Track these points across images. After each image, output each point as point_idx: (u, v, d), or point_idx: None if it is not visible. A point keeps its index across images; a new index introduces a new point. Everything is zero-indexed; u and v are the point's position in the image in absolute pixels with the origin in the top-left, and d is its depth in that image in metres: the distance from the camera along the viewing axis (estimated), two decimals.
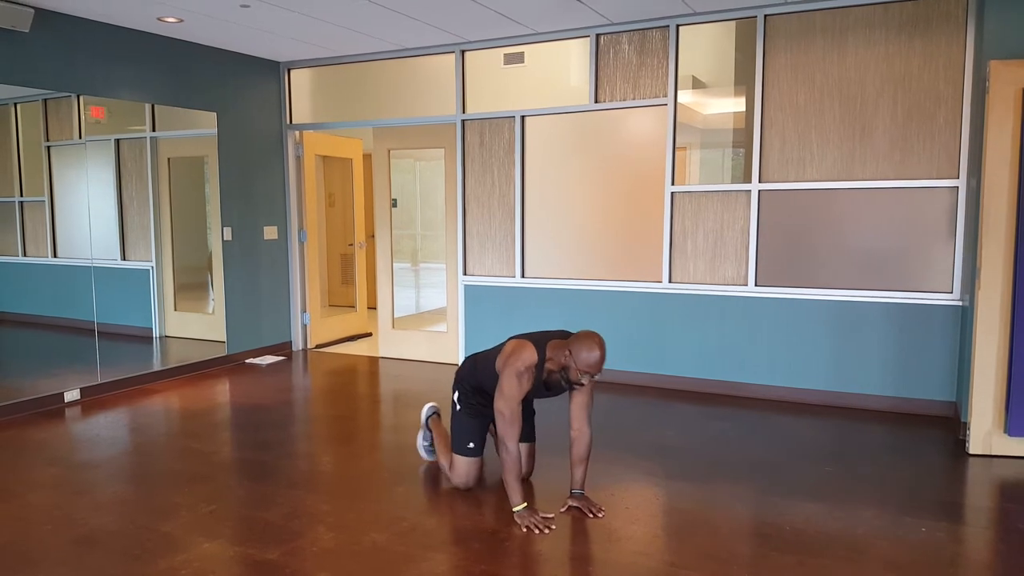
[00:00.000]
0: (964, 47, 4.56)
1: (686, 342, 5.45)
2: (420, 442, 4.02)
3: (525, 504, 3.24)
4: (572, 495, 3.38)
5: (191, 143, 6.35)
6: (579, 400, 3.34)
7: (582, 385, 3.21)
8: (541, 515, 3.22)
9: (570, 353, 3.14)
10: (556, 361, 3.22)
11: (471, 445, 3.59)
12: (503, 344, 3.41)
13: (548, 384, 3.33)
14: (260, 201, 6.72)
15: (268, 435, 4.50)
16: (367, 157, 8.63)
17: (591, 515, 3.28)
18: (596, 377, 3.20)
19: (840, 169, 4.92)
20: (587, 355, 3.10)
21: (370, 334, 7.76)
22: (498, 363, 3.32)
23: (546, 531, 3.13)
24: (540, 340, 3.30)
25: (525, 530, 3.14)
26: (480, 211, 6.15)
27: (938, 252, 4.73)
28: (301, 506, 3.42)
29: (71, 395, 5.26)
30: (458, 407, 3.64)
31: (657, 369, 5.56)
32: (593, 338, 3.15)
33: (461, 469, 3.59)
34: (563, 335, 3.33)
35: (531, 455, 3.76)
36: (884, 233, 4.85)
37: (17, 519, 3.30)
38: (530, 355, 3.24)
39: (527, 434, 3.71)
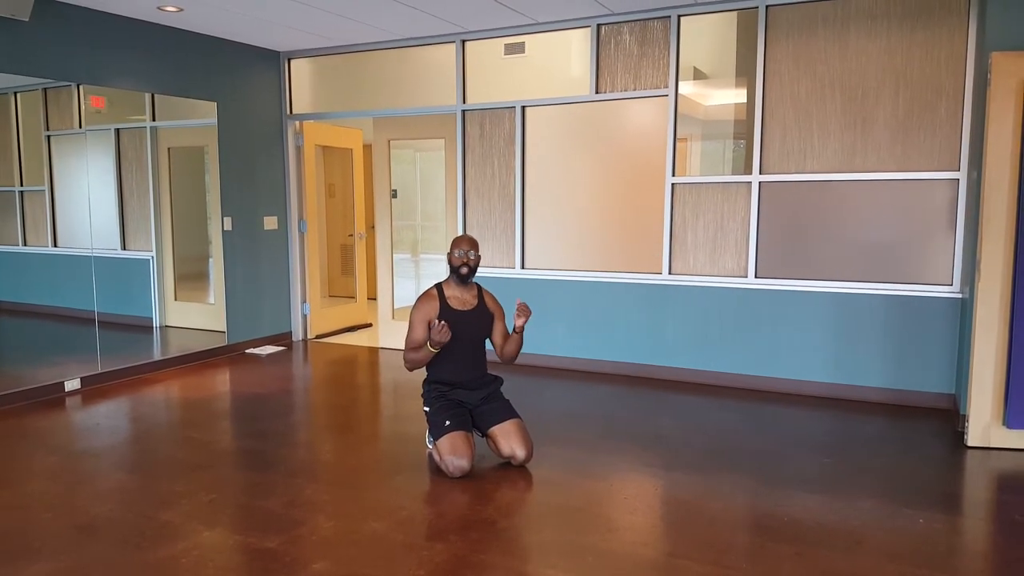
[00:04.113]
0: (966, 39, 4.55)
1: (686, 333, 5.45)
2: (428, 439, 4.04)
3: (428, 340, 3.68)
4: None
5: (191, 133, 6.34)
6: (498, 330, 3.95)
7: (468, 268, 3.82)
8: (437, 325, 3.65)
9: (450, 253, 3.87)
10: (449, 280, 3.90)
11: (447, 423, 3.67)
12: None
13: (459, 309, 3.81)
14: (260, 191, 6.71)
15: (268, 424, 4.51)
16: (367, 147, 8.61)
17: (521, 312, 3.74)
18: (471, 255, 3.83)
19: (841, 161, 4.91)
20: (459, 241, 3.86)
21: (370, 325, 7.76)
22: None
23: (445, 329, 3.60)
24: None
25: (440, 336, 3.59)
26: (480, 202, 6.15)
27: (938, 245, 4.73)
28: (301, 495, 3.43)
29: (72, 384, 5.27)
30: (428, 409, 3.83)
31: (656, 360, 5.56)
32: (462, 234, 3.99)
33: (446, 447, 3.61)
34: None
35: (522, 432, 3.77)
36: (884, 225, 4.84)
37: (18, 507, 3.32)
38: (429, 290, 3.89)
39: (507, 411, 3.81)
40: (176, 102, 6.01)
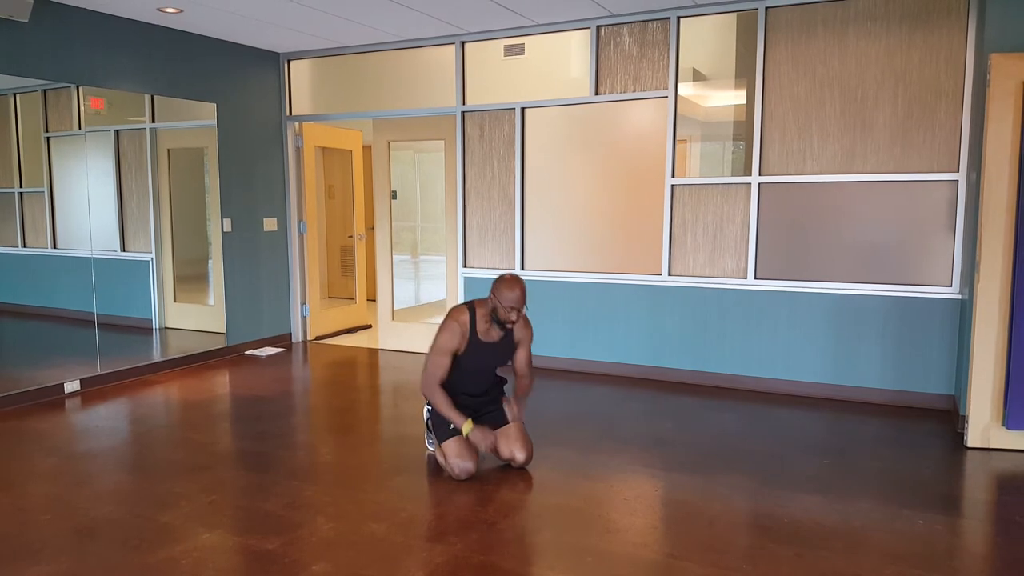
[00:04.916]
0: (965, 40, 4.55)
1: (685, 335, 5.45)
2: (427, 440, 4.06)
3: (470, 420, 3.58)
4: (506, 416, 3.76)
5: (191, 134, 6.34)
6: (521, 355, 3.80)
7: (512, 322, 3.58)
8: (489, 432, 3.60)
9: (494, 296, 3.55)
10: (485, 309, 3.63)
11: (452, 426, 3.65)
12: None
13: (486, 340, 3.66)
14: (260, 192, 6.71)
15: (267, 426, 4.51)
16: (367, 149, 8.62)
17: (510, 418, 3.72)
18: (523, 332, 3.69)
19: (840, 162, 4.92)
20: (508, 293, 3.52)
21: (370, 326, 7.76)
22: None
23: (495, 448, 3.62)
24: (470, 302, 3.73)
25: (485, 449, 3.59)
26: (480, 203, 6.15)
27: (938, 246, 4.73)
28: (300, 496, 3.43)
29: (71, 386, 5.27)
30: (431, 410, 3.80)
31: (656, 361, 5.56)
32: (512, 278, 3.56)
33: (452, 450, 3.61)
34: None
35: (522, 435, 3.76)
36: (884, 226, 4.85)
37: (17, 509, 3.31)
38: (460, 312, 3.65)
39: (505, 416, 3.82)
40: (176, 103, 6.01)
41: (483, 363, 3.74)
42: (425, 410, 4.03)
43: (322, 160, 7.78)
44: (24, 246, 5.31)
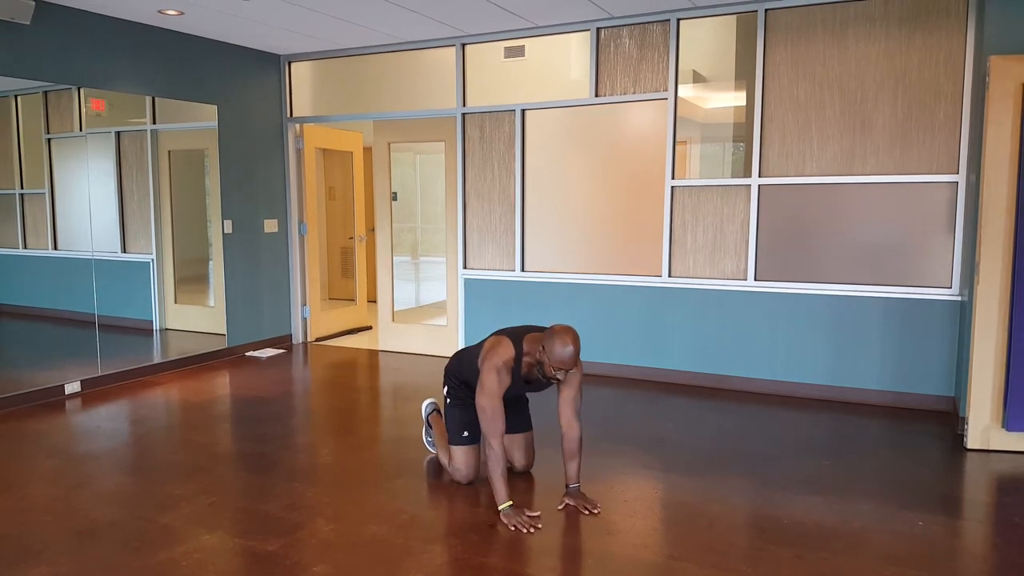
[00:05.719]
0: (964, 42, 4.56)
1: (685, 336, 5.45)
2: (425, 438, 4.05)
3: (510, 503, 3.19)
4: (567, 491, 3.37)
5: (191, 136, 6.35)
6: (566, 395, 3.33)
7: (558, 380, 3.21)
8: (527, 514, 3.19)
9: (543, 349, 3.16)
10: (532, 356, 3.26)
11: (465, 434, 3.60)
12: (485, 340, 3.44)
13: (528, 379, 3.37)
14: (260, 194, 6.72)
15: (268, 427, 4.51)
16: (367, 150, 8.62)
17: (587, 511, 3.29)
18: (571, 372, 3.22)
19: (840, 164, 4.92)
20: (560, 351, 3.10)
21: (370, 327, 7.76)
22: (479, 360, 3.35)
23: (532, 531, 3.09)
24: (518, 336, 3.32)
25: (512, 529, 3.10)
26: (480, 205, 6.15)
27: (937, 247, 4.74)
28: (301, 498, 3.44)
29: (71, 387, 5.28)
30: (448, 400, 3.69)
31: (656, 363, 5.57)
32: (566, 333, 3.12)
33: (460, 459, 3.60)
34: (543, 330, 3.35)
35: (529, 446, 3.76)
36: (883, 228, 4.85)
37: (17, 511, 3.32)
38: (507, 351, 3.26)
39: (522, 424, 3.74)
40: (176, 105, 6.02)
41: (516, 393, 3.52)
42: (425, 405, 4.04)
43: (323, 161, 7.79)
44: (25, 247, 5.32)
